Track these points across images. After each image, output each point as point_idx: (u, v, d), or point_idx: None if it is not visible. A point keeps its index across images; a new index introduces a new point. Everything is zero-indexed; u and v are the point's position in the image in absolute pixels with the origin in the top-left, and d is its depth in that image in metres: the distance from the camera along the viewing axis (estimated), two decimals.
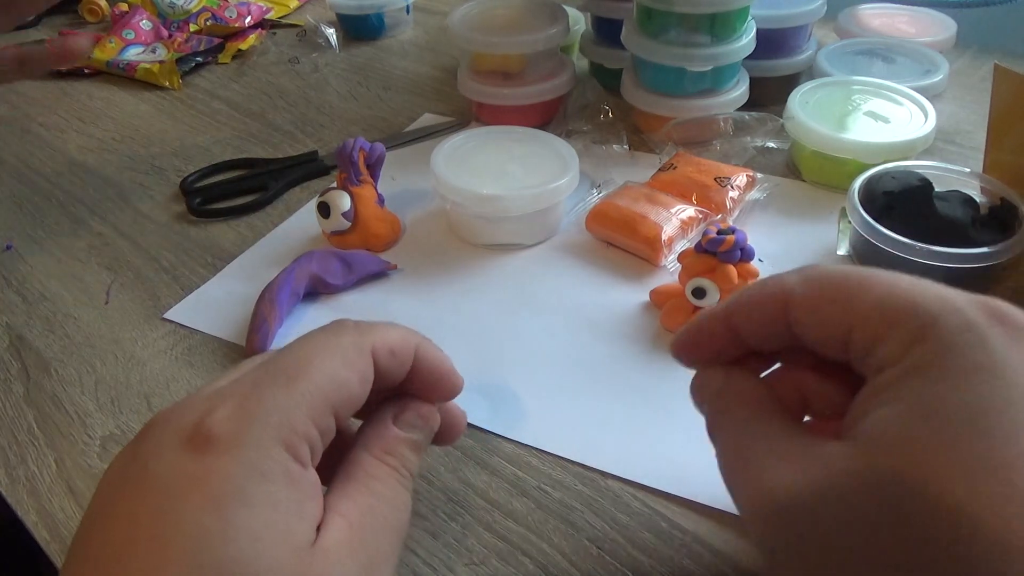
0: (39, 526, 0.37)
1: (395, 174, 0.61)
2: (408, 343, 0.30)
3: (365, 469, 0.28)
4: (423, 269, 0.51)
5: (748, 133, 0.58)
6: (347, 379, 0.27)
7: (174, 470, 0.24)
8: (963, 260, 0.44)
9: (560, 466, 0.38)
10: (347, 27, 0.87)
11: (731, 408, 0.28)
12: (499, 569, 0.34)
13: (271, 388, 0.25)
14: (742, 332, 0.28)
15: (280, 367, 0.26)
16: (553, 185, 0.50)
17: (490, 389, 0.42)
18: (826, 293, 0.26)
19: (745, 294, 0.29)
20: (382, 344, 0.28)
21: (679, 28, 0.58)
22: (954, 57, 0.70)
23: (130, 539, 0.23)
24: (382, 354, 0.28)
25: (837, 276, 0.26)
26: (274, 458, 0.24)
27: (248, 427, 0.24)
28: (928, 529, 0.21)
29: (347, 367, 0.27)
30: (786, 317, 0.27)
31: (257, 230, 0.56)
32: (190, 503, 0.23)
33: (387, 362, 0.28)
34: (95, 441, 0.41)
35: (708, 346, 0.30)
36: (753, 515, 0.26)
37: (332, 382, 0.26)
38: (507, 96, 0.63)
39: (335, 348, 0.27)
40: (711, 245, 0.43)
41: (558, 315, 0.47)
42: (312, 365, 0.26)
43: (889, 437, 0.23)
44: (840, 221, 0.52)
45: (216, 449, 0.24)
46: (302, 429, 0.25)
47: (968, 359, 0.22)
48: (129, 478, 0.25)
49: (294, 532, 0.24)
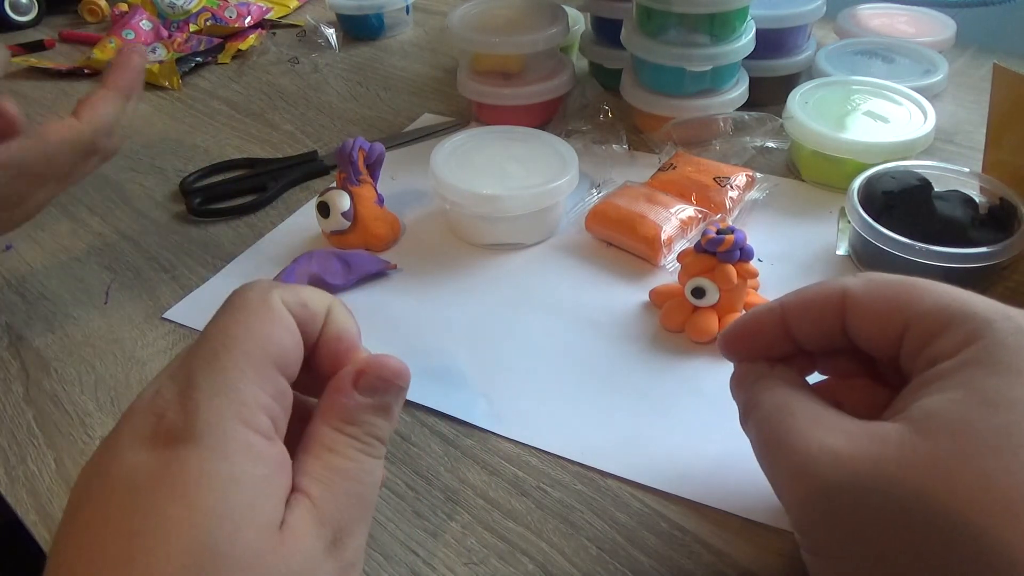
0: (39, 526, 0.37)
1: (395, 174, 0.61)
2: (321, 300, 0.29)
3: (321, 442, 0.27)
4: (423, 269, 0.51)
5: (747, 133, 0.58)
6: (272, 332, 0.26)
7: (136, 470, 0.24)
8: (962, 260, 0.44)
9: (560, 466, 0.38)
10: (347, 27, 0.87)
11: (775, 387, 0.29)
12: (499, 569, 0.34)
13: (205, 370, 0.25)
14: (794, 328, 0.30)
15: (206, 346, 0.26)
16: (553, 185, 0.50)
17: (490, 389, 0.42)
18: (885, 293, 0.28)
19: (803, 292, 0.30)
20: (292, 296, 0.28)
21: (679, 28, 0.58)
22: (953, 57, 0.70)
23: (100, 540, 0.23)
24: (294, 304, 0.27)
25: (895, 280, 0.28)
26: (232, 437, 0.24)
27: (197, 413, 0.24)
28: (975, 506, 0.22)
29: (267, 321, 0.26)
30: (841, 315, 0.29)
31: (257, 230, 0.56)
32: (155, 496, 0.23)
33: (302, 314, 0.28)
34: (94, 441, 0.41)
35: (758, 340, 0.31)
36: (795, 489, 0.26)
37: (259, 341, 0.26)
38: (507, 96, 0.63)
39: (248, 308, 0.27)
40: (710, 245, 0.43)
41: (558, 315, 0.47)
42: (233, 332, 0.26)
43: (946, 418, 0.24)
44: (839, 221, 0.52)
45: (175, 442, 0.24)
46: (251, 399, 0.25)
47: (1022, 358, 0.24)
48: (94, 486, 0.25)
49: (261, 511, 0.24)
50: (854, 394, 0.30)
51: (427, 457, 0.39)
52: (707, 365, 0.43)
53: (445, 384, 0.43)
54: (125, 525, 0.23)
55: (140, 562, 0.22)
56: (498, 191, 0.49)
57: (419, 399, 0.41)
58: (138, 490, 0.23)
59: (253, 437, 0.24)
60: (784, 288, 0.47)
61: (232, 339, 0.26)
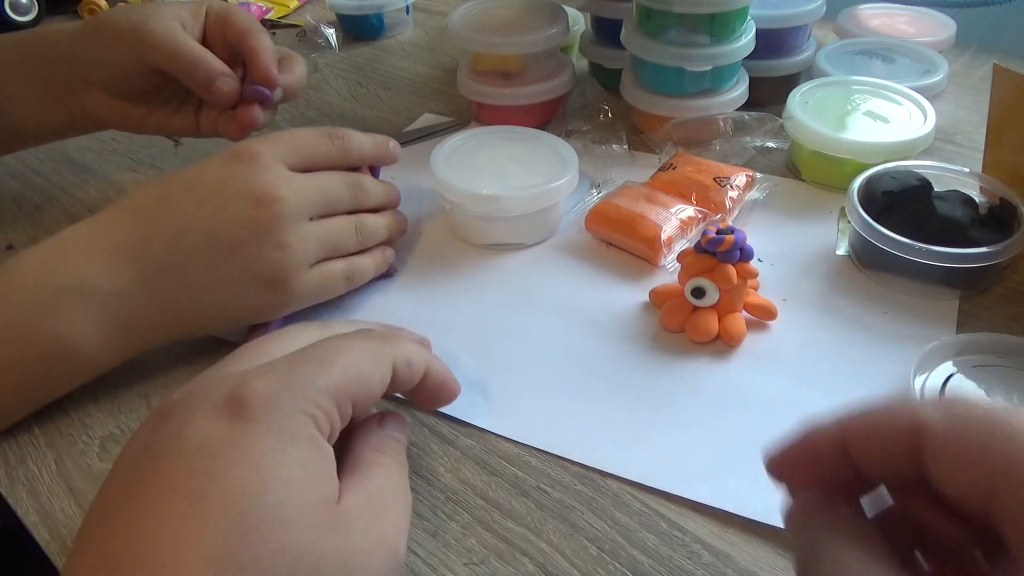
0: (39, 526, 0.37)
1: (395, 174, 0.61)
2: (421, 359, 0.34)
3: (368, 459, 0.32)
4: (423, 269, 0.51)
5: (748, 133, 0.58)
6: (370, 376, 0.31)
7: (209, 434, 0.26)
8: (962, 260, 0.44)
9: (559, 466, 0.38)
10: (347, 27, 0.87)
11: (843, 548, 0.24)
12: (498, 569, 0.34)
13: (305, 369, 0.29)
14: (857, 458, 0.24)
15: (314, 355, 0.30)
16: (553, 185, 0.50)
17: (489, 389, 0.42)
18: (970, 434, 0.22)
19: (867, 418, 0.24)
20: (401, 356, 0.33)
21: (679, 28, 0.58)
22: (953, 57, 0.70)
23: (165, 497, 0.25)
24: (400, 364, 0.32)
25: (980, 417, 0.23)
26: (301, 425, 0.27)
27: (279, 397, 0.27)
28: None
29: (371, 367, 0.31)
30: (916, 452, 0.23)
31: None
32: (227, 460, 0.25)
33: (403, 372, 0.33)
34: (95, 441, 0.41)
35: (812, 467, 0.25)
36: None
37: (357, 376, 0.30)
38: (507, 96, 0.63)
39: (362, 350, 0.31)
40: (710, 245, 0.43)
41: (558, 315, 0.47)
42: (341, 358, 0.30)
43: None
44: (840, 221, 0.52)
45: (248, 415, 0.27)
46: (326, 407, 0.28)
47: None
48: (158, 447, 0.27)
49: (321, 487, 0.27)
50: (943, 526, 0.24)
51: (427, 457, 0.39)
52: (707, 365, 0.43)
53: None
54: (196, 486, 0.25)
55: (213, 521, 0.24)
56: (498, 191, 0.49)
57: None
58: (209, 455, 0.26)
59: (315, 432, 0.28)
60: (784, 288, 0.48)
61: (337, 362, 0.30)
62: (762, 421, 0.40)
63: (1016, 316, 0.45)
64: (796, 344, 0.44)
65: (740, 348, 0.44)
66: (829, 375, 0.42)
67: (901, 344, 0.43)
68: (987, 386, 0.40)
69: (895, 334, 0.44)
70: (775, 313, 0.45)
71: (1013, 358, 0.41)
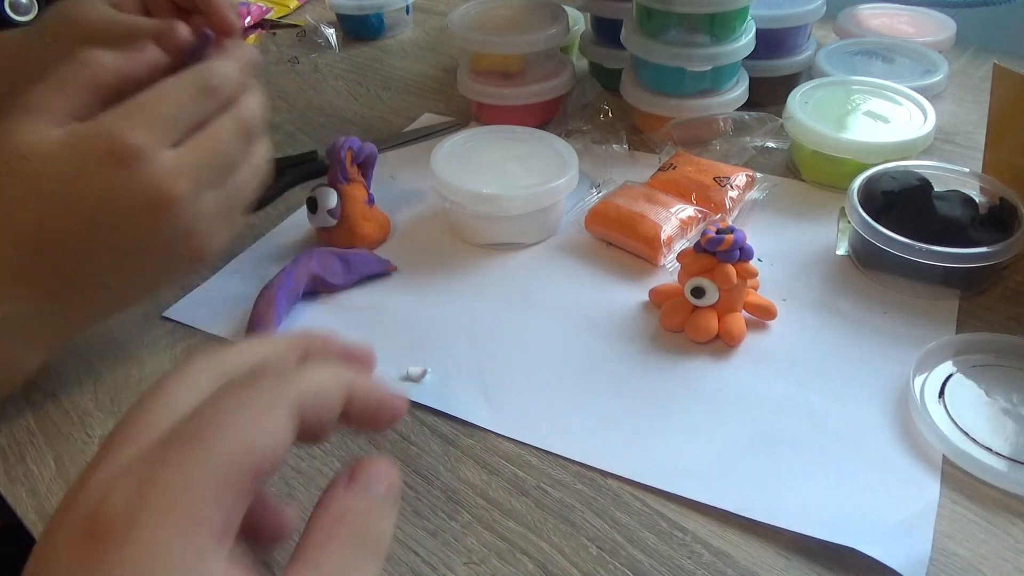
0: (38, 525, 0.37)
1: (395, 174, 0.61)
2: (336, 385, 0.27)
3: (312, 540, 0.25)
4: (423, 268, 0.51)
5: (748, 133, 0.59)
6: (261, 442, 0.24)
7: (68, 569, 0.22)
8: (962, 260, 0.44)
9: (560, 465, 0.38)
10: (347, 27, 0.87)
11: None
12: (498, 568, 0.34)
13: (175, 462, 0.23)
14: None
15: (188, 434, 0.24)
16: (553, 184, 0.50)
17: (489, 388, 0.42)
18: None
19: None
20: (307, 392, 0.26)
21: (679, 28, 0.58)
22: (953, 57, 0.70)
23: None
24: (307, 404, 0.26)
25: None
26: (175, 541, 0.22)
27: (145, 510, 0.22)
28: None
29: (262, 427, 0.24)
30: None
31: (257, 229, 0.56)
32: None
33: (313, 411, 0.26)
34: (94, 440, 0.41)
35: None
36: None
37: (244, 446, 0.24)
38: (507, 96, 0.63)
39: (249, 406, 0.25)
40: (710, 245, 0.43)
41: (557, 315, 0.47)
42: (223, 429, 0.24)
43: None
44: (839, 221, 0.52)
45: (111, 538, 0.22)
46: (213, 499, 0.23)
47: None
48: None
49: None
50: None
51: (427, 457, 0.39)
52: (707, 365, 0.43)
53: (445, 384, 0.43)
54: None
55: None
56: (498, 191, 0.49)
57: (419, 399, 0.41)
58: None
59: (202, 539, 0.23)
60: (784, 288, 0.48)
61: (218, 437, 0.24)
62: (762, 421, 0.40)
63: (1016, 316, 0.45)
64: (796, 344, 0.44)
65: (740, 348, 0.44)
66: (829, 375, 0.42)
67: (901, 344, 0.43)
68: (987, 386, 0.40)
69: (895, 334, 0.44)
70: (775, 313, 0.45)
71: (1013, 358, 0.41)
